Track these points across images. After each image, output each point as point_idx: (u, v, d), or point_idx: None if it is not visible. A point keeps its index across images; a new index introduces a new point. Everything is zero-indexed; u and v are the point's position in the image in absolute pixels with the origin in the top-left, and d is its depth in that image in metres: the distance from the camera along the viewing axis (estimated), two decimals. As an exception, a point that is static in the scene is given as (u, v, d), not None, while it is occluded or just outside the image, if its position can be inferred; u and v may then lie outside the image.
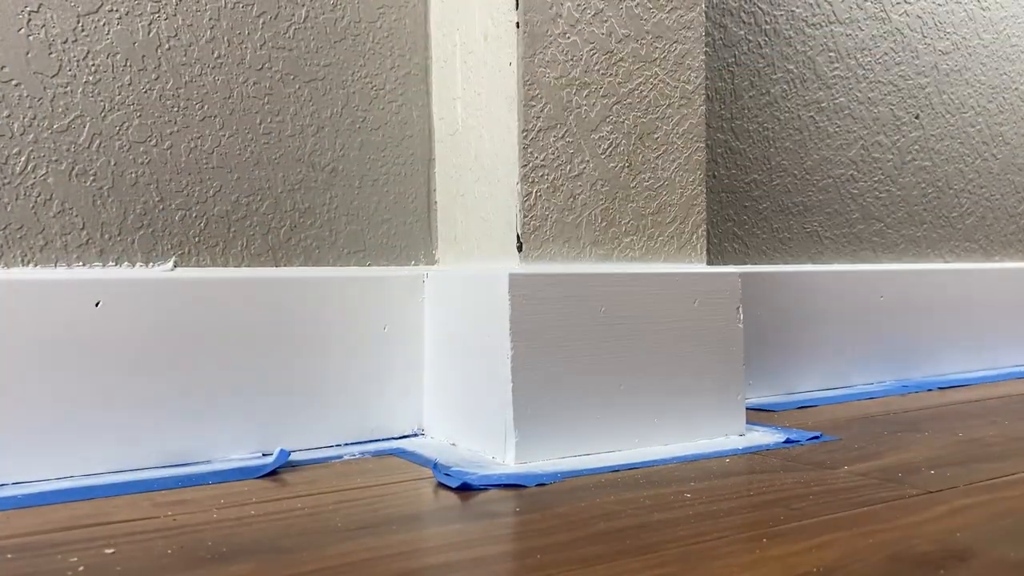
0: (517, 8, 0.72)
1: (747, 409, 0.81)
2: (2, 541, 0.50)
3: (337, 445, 0.76)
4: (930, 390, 1.09)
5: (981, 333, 1.26)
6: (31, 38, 0.66)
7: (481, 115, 0.77)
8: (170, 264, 0.71)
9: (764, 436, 0.79)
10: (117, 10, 0.69)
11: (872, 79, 1.18)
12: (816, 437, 0.78)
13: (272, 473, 0.67)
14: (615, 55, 0.77)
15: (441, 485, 0.62)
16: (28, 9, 0.66)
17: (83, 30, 0.68)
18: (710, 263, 1.01)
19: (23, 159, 0.66)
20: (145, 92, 0.70)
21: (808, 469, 0.66)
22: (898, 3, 1.21)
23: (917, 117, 1.23)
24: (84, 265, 0.68)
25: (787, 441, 0.76)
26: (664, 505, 0.57)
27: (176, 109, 0.72)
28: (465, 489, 0.61)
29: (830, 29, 1.14)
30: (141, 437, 0.67)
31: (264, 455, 0.72)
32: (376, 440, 0.78)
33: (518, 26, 0.72)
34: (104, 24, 0.69)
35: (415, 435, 0.80)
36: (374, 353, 0.79)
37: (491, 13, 0.75)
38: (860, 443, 0.76)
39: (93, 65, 0.68)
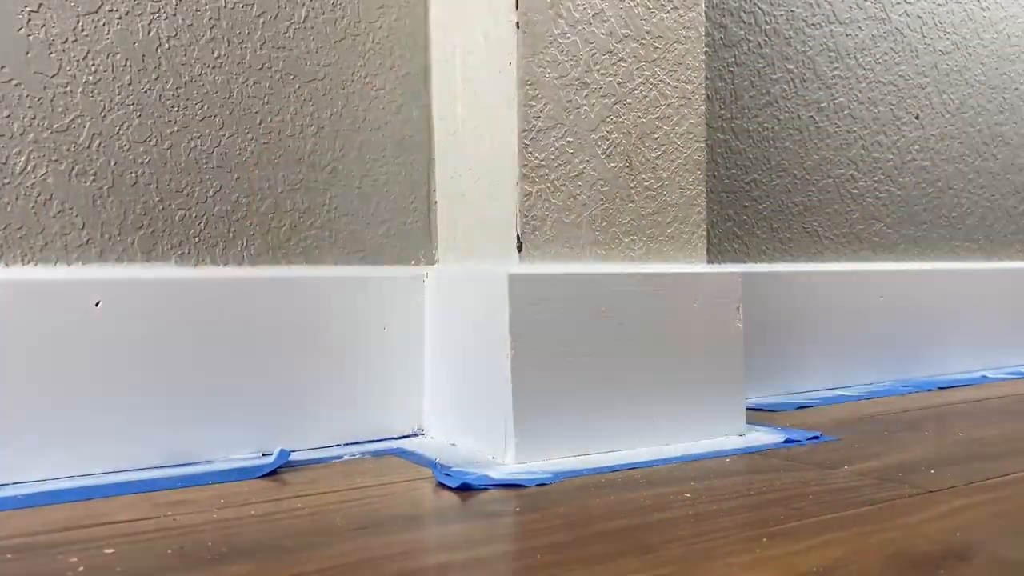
0: (517, 8, 0.72)
1: (747, 409, 0.81)
2: (2, 541, 0.50)
3: (337, 445, 0.76)
4: (930, 390, 1.09)
5: (981, 333, 1.26)
6: (31, 38, 0.66)
7: (481, 115, 0.77)
8: (170, 264, 0.71)
9: (764, 436, 0.79)
10: (117, 10, 0.69)
11: (872, 79, 1.18)
12: (816, 437, 0.78)
13: (272, 473, 0.67)
14: (615, 55, 0.77)
15: (441, 485, 0.62)
16: (28, 9, 0.66)
17: (83, 30, 0.68)
18: (710, 263, 1.01)
19: (23, 159, 0.66)
20: (145, 92, 0.70)
21: (808, 469, 0.66)
22: (898, 3, 1.21)
23: (917, 117, 1.23)
24: (84, 265, 0.68)
25: (787, 441, 0.76)
26: (664, 505, 0.57)
27: (176, 109, 0.72)
28: (465, 489, 0.61)
29: (830, 29, 1.14)
30: (141, 437, 0.67)
31: (264, 455, 0.72)
32: (376, 440, 0.78)
33: (518, 26, 0.72)
34: (104, 24, 0.69)
35: (415, 435, 0.80)
36: (374, 353, 0.79)
37: (491, 13, 0.75)
38: (860, 443, 0.76)
39: (93, 65, 0.68)
